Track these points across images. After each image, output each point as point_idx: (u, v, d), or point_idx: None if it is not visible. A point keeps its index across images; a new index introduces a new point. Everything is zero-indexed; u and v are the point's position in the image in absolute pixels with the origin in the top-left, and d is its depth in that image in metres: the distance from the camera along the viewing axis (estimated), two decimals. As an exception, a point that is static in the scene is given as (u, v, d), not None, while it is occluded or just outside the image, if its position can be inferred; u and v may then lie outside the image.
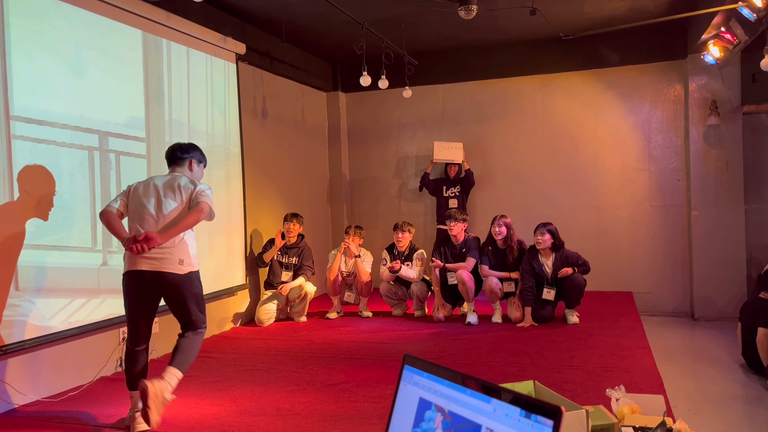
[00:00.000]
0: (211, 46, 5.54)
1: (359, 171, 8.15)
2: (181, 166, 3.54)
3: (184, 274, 3.32)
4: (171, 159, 3.56)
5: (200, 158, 3.63)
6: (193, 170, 3.57)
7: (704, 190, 6.55)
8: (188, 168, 3.55)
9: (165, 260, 3.26)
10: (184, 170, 3.54)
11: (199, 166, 3.62)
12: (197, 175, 3.59)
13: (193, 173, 3.57)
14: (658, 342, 5.35)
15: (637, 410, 2.82)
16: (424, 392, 1.01)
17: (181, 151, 3.56)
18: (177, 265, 3.29)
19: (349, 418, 3.38)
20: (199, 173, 3.62)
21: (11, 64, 3.70)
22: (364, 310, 6.31)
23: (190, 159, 3.56)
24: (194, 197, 3.34)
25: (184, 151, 3.56)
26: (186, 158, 3.54)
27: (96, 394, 3.97)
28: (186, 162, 3.54)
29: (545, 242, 5.57)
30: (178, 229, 3.24)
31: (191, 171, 3.56)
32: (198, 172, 3.61)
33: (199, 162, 3.62)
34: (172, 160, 3.56)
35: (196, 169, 3.60)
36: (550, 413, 0.80)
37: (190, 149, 3.59)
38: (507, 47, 7.33)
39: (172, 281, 3.29)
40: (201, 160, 3.63)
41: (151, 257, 3.23)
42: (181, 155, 3.54)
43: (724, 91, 6.45)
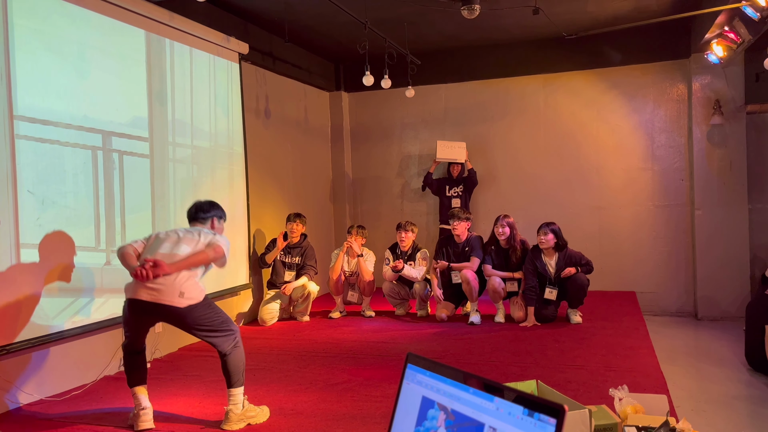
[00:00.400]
0: (214, 46, 5.55)
1: (362, 171, 8.15)
2: (203, 224, 3.61)
3: (184, 307, 3.22)
4: (193, 218, 3.62)
5: (221, 215, 3.69)
6: (214, 227, 3.63)
7: (708, 190, 6.54)
8: (210, 226, 3.62)
9: (164, 291, 3.19)
10: (206, 227, 3.60)
11: (220, 222, 3.68)
12: (218, 231, 3.65)
13: (214, 230, 3.62)
14: (662, 342, 5.34)
15: (640, 410, 2.81)
16: (427, 391, 1.01)
17: (202, 211, 3.62)
18: (177, 297, 3.21)
19: (352, 417, 3.38)
20: (220, 230, 3.68)
21: (15, 64, 3.71)
22: (366, 309, 6.31)
23: (211, 217, 3.63)
24: (210, 241, 3.39)
25: (205, 210, 3.63)
26: (207, 217, 3.61)
27: (99, 393, 3.98)
28: (208, 221, 3.61)
29: (548, 242, 5.57)
30: (186, 263, 3.24)
31: (212, 228, 3.62)
32: (219, 228, 3.67)
33: (219, 218, 3.67)
34: (194, 219, 3.62)
35: (218, 226, 3.66)
36: (554, 412, 0.80)
37: (210, 208, 3.65)
38: (510, 47, 7.33)
39: (172, 313, 3.24)
40: (221, 216, 3.69)
41: (152, 287, 3.19)
42: (203, 215, 3.61)
43: (727, 90, 6.44)
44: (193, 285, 3.28)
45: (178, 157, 5.16)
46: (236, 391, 3.31)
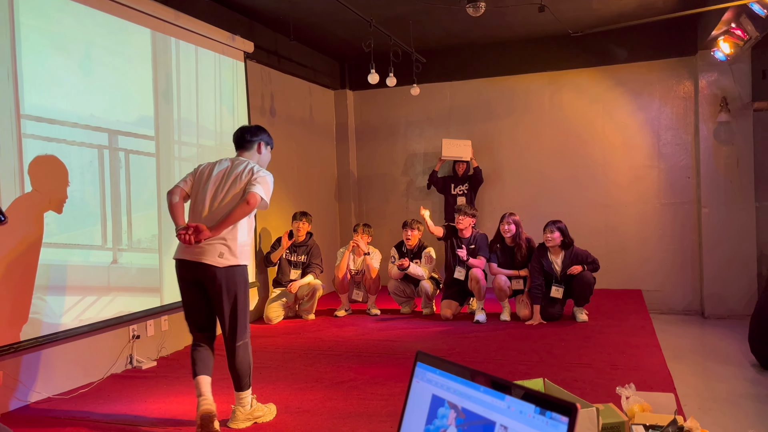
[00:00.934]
0: (219, 45, 5.55)
1: (367, 169, 8.15)
2: (249, 150, 3.47)
3: (224, 267, 3.16)
4: (239, 143, 3.48)
5: (268, 141, 3.56)
6: (261, 153, 3.50)
7: (714, 188, 6.51)
8: (257, 151, 3.49)
9: (206, 250, 3.15)
10: (252, 154, 3.47)
11: (267, 148, 3.55)
12: (264, 158, 3.53)
13: (261, 156, 3.50)
14: (668, 340, 5.32)
15: (647, 408, 2.81)
16: (437, 389, 1.01)
17: (250, 134, 3.48)
18: (216, 257, 3.16)
19: (358, 415, 3.38)
20: (267, 156, 3.55)
21: (21, 63, 3.72)
22: (372, 307, 6.31)
23: (258, 142, 3.49)
24: (248, 185, 3.24)
25: (252, 134, 3.49)
26: (255, 141, 3.48)
27: (107, 391, 4.00)
28: (254, 145, 3.48)
29: (555, 240, 5.55)
30: (227, 223, 3.16)
31: (259, 154, 3.49)
32: (266, 155, 3.54)
33: (266, 144, 3.54)
34: (240, 144, 3.48)
35: (264, 152, 3.52)
36: (565, 410, 0.79)
37: (258, 132, 3.51)
38: (515, 44, 7.31)
39: (209, 274, 3.17)
40: (269, 142, 3.56)
41: (194, 248, 3.15)
42: (250, 138, 3.47)
43: (734, 87, 6.41)
44: (239, 241, 3.22)
45: (184, 155, 5.17)
46: (244, 393, 3.28)
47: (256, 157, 3.48)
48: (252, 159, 3.44)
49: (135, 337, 4.56)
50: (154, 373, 4.40)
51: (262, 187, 3.25)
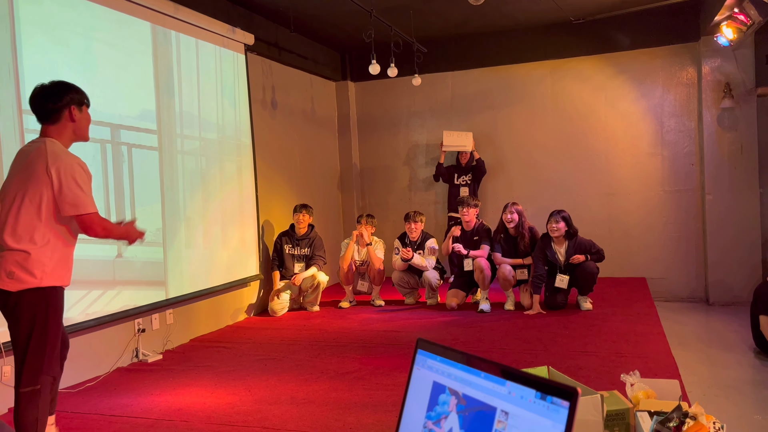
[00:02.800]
0: (219, 38, 5.54)
1: (369, 160, 8.14)
2: (57, 122, 2.68)
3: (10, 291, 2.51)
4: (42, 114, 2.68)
5: (80, 99, 2.74)
6: (75, 120, 2.71)
7: (718, 175, 6.48)
8: (69, 119, 2.69)
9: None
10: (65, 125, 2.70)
11: (81, 109, 2.74)
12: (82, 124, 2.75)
13: (77, 123, 2.73)
14: (673, 327, 5.31)
15: (652, 395, 2.81)
16: (437, 376, 1.01)
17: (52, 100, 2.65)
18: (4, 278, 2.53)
19: (363, 405, 3.39)
20: (85, 120, 2.77)
21: (22, 58, 3.72)
22: (376, 299, 6.32)
23: (68, 107, 2.68)
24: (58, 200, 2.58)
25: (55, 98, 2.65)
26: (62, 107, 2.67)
27: (113, 385, 4.02)
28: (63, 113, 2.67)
29: (560, 230, 5.54)
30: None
31: (74, 122, 2.71)
32: (82, 119, 2.75)
33: (79, 105, 2.73)
34: (43, 116, 2.68)
35: (79, 116, 2.72)
36: (566, 394, 0.79)
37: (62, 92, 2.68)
38: (516, 33, 7.27)
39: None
40: (82, 101, 2.75)
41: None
42: (54, 105, 2.65)
43: (737, 73, 6.36)
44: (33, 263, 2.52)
45: (186, 149, 5.17)
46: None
47: (70, 128, 2.69)
48: (64, 132, 2.67)
49: (140, 330, 4.58)
50: (160, 366, 4.42)
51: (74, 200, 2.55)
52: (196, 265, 5.19)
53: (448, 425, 0.94)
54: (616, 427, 2.60)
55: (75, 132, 2.71)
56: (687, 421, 2.41)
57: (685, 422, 2.41)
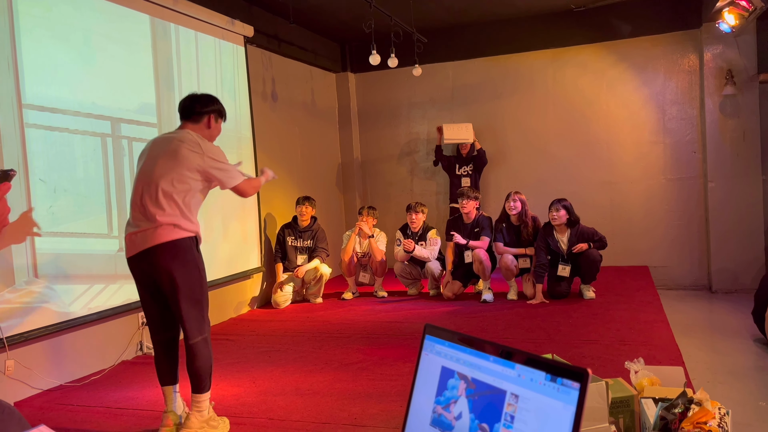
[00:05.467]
0: (219, 30, 5.52)
1: (370, 152, 8.12)
2: (196, 122, 3.05)
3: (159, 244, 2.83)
4: (187, 114, 3.05)
5: (222, 110, 3.14)
6: (211, 126, 3.09)
7: (721, 162, 6.46)
8: (206, 125, 3.07)
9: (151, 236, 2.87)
10: (201, 128, 3.06)
11: (218, 121, 3.12)
12: (215, 132, 3.13)
13: (212, 131, 3.10)
14: (676, 315, 5.31)
15: (656, 382, 2.81)
16: (446, 361, 1.01)
17: (200, 103, 3.04)
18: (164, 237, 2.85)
19: (368, 395, 3.40)
20: (217, 130, 3.14)
21: (21, 53, 3.70)
22: (379, 290, 6.32)
23: (209, 114, 3.07)
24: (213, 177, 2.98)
25: (203, 104, 3.05)
26: (204, 113, 3.05)
27: (118, 378, 4.03)
28: (204, 117, 3.05)
29: (560, 218, 5.53)
30: None
31: (209, 128, 3.09)
32: (215, 128, 3.13)
33: (219, 114, 3.12)
34: (187, 116, 3.05)
35: (215, 125, 3.11)
36: (577, 375, 0.79)
37: (209, 102, 3.08)
38: (517, 22, 7.24)
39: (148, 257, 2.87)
40: (222, 112, 3.14)
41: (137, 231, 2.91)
42: (200, 110, 3.04)
43: (739, 59, 6.33)
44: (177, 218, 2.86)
45: (186, 142, 5.15)
46: (203, 397, 2.94)
47: (205, 132, 3.05)
48: (198, 131, 3.02)
49: (144, 324, 4.59)
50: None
51: (230, 175, 2.99)
52: (199, 258, 5.18)
53: (458, 409, 0.94)
54: (621, 414, 2.60)
55: (207, 137, 3.07)
56: (692, 408, 2.41)
57: (690, 408, 2.41)
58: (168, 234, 2.83)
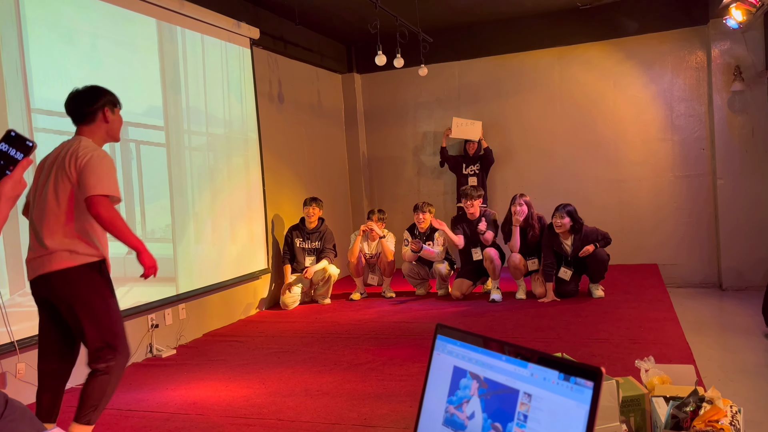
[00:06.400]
0: (225, 32, 5.53)
1: (377, 152, 8.12)
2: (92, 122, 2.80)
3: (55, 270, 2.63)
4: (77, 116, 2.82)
5: (114, 101, 2.86)
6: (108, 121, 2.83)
7: (730, 158, 6.42)
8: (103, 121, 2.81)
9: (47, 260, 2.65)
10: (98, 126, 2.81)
11: (115, 110, 2.86)
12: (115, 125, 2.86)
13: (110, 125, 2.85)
14: (686, 313, 5.28)
15: (667, 380, 2.79)
16: (458, 360, 1.00)
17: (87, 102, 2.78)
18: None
19: (377, 396, 3.40)
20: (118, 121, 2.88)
21: (29, 57, 3.72)
22: (387, 290, 6.32)
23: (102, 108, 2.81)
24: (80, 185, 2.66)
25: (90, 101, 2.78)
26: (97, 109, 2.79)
27: (128, 380, 4.04)
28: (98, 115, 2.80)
29: (564, 225, 5.50)
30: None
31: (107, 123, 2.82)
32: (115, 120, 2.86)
33: (113, 106, 2.85)
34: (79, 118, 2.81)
35: (112, 117, 2.84)
36: (590, 374, 0.79)
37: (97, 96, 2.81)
38: (523, 20, 7.22)
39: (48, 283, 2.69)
40: (115, 102, 2.86)
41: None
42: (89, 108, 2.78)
43: (747, 55, 6.29)
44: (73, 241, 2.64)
45: (193, 145, 5.18)
46: (79, 429, 2.66)
47: (103, 129, 2.81)
48: (97, 132, 2.79)
49: (154, 326, 4.61)
50: (174, 360, 4.45)
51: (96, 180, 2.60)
52: (206, 260, 5.20)
53: (470, 409, 0.94)
54: (632, 413, 2.59)
55: (108, 132, 2.83)
56: (703, 406, 2.39)
57: (701, 406, 2.40)
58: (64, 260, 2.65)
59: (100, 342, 2.70)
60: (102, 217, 2.60)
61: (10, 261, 3.58)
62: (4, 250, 3.55)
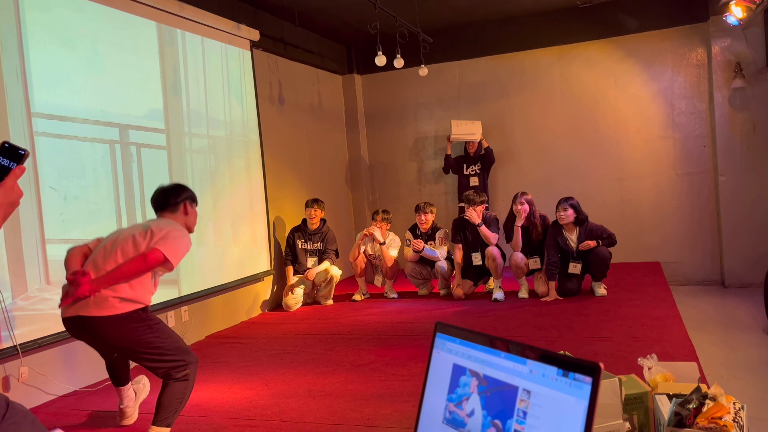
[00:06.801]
0: (225, 35, 5.54)
1: (378, 153, 8.13)
2: (173, 212, 3.07)
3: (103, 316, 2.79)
4: (161, 205, 3.09)
5: (194, 198, 3.16)
6: (188, 213, 3.11)
7: (731, 155, 6.41)
8: (182, 213, 3.09)
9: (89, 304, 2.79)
10: (178, 216, 3.08)
11: (193, 206, 3.15)
12: (192, 218, 3.14)
13: (188, 217, 3.11)
14: (689, 311, 5.27)
15: (670, 378, 2.79)
16: (457, 358, 1.00)
17: (174, 195, 3.08)
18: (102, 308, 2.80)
19: (380, 396, 3.40)
20: (194, 215, 3.15)
21: (29, 61, 3.73)
22: (389, 291, 6.32)
23: (183, 202, 3.09)
24: (149, 246, 2.85)
25: (176, 194, 3.08)
26: (179, 202, 3.08)
27: (131, 383, 4.04)
28: (179, 206, 3.08)
29: (568, 217, 5.50)
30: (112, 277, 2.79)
31: (186, 215, 3.10)
32: (192, 213, 3.14)
33: (192, 202, 3.14)
34: (162, 206, 3.08)
35: (191, 210, 3.13)
36: (589, 370, 0.79)
37: (181, 191, 3.11)
38: (522, 19, 7.22)
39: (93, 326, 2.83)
40: (194, 199, 3.16)
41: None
42: (174, 200, 3.07)
43: (748, 52, 6.28)
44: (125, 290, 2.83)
45: (194, 147, 5.18)
46: (158, 430, 2.86)
47: (182, 219, 3.08)
48: (178, 221, 3.06)
49: (156, 328, 4.60)
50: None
51: (169, 245, 2.85)
52: (208, 262, 5.21)
53: (470, 406, 0.94)
54: (635, 410, 2.58)
55: (186, 223, 3.12)
56: (707, 403, 2.39)
57: (704, 404, 2.39)
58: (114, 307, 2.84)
59: (167, 368, 2.89)
60: (146, 259, 2.82)
61: (11, 265, 3.59)
62: (6, 254, 3.56)
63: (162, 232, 2.90)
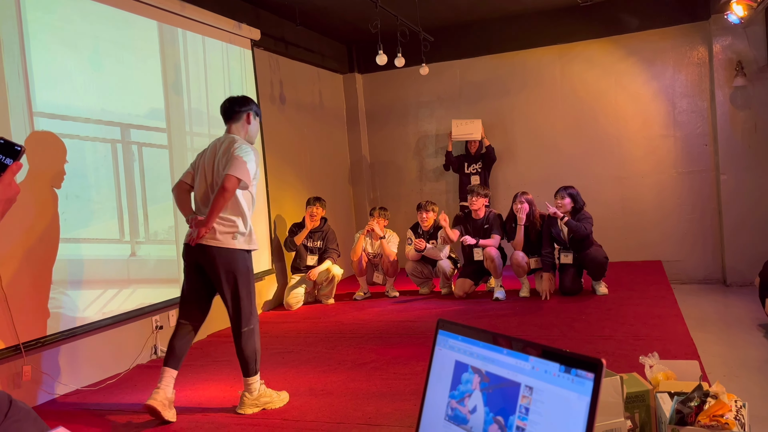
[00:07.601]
0: (226, 34, 5.54)
1: (379, 152, 8.13)
2: (237, 121, 3.40)
3: (223, 248, 3.25)
4: (228, 114, 3.41)
5: (257, 111, 3.48)
6: (250, 123, 3.42)
7: (732, 154, 6.41)
8: (246, 122, 3.41)
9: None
10: (242, 125, 3.40)
11: (256, 119, 3.46)
12: (254, 129, 3.45)
13: (251, 127, 3.43)
14: (690, 309, 5.27)
15: (671, 376, 2.78)
16: (459, 355, 1.00)
17: (238, 104, 3.39)
18: (216, 239, 3.25)
19: (382, 395, 3.40)
20: (255, 127, 3.46)
21: (31, 61, 3.74)
22: (390, 290, 6.32)
23: (247, 112, 3.41)
24: (225, 174, 3.15)
25: (241, 104, 3.40)
26: (243, 111, 3.39)
27: (133, 382, 4.05)
28: (243, 116, 3.40)
29: (565, 206, 5.51)
30: (213, 214, 3.17)
31: (249, 125, 3.42)
32: (255, 126, 3.45)
33: (255, 115, 3.45)
34: (228, 116, 3.41)
35: (254, 122, 3.44)
36: (591, 366, 0.79)
37: (246, 102, 3.42)
38: (524, 18, 7.21)
39: (209, 257, 3.27)
40: (258, 113, 3.48)
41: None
42: (239, 109, 3.39)
43: (749, 50, 6.27)
44: (234, 230, 3.26)
45: (196, 146, 5.18)
46: (252, 380, 3.30)
47: (245, 128, 3.41)
48: (241, 131, 3.40)
49: (158, 327, 4.62)
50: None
51: (237, 167, 3.14)
52: (211, 261, 5.20)
53: (472, 403, 0.94)
54: (637, 408, 2.58)
55: (247, 133, 3.43)
56: (708, 401, 2.39)
57: (706, 401, 2.39)
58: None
59: (241, 313, 3.29)
60: (225, 189, 3.11)
61: (12, 266, 3.59)
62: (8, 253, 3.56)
63: (226, 156, 3.20)
